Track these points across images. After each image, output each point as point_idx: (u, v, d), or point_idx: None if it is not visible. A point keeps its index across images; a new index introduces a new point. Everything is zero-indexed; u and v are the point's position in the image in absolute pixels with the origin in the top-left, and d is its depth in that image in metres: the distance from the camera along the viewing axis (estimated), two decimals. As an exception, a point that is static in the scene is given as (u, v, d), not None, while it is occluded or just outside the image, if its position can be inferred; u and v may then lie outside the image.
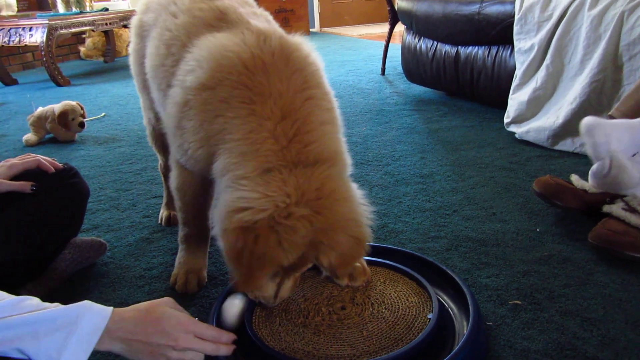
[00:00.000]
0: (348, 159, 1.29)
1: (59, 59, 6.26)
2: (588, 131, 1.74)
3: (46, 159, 1.48)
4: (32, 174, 1.44)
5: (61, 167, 1.52)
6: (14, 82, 5.35)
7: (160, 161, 2.03)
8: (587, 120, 1.76)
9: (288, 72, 1.22)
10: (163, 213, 2.01)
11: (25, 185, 1.40)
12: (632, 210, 1.63)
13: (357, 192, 1.23)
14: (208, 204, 1.53)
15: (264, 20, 1.41)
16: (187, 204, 1.53)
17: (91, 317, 0.92)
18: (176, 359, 0.98)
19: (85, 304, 0.94)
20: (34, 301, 0.92)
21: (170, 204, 1.96)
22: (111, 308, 0.96)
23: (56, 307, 0.92)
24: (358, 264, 1.43)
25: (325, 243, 1.12)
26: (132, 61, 1.75)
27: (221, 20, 1.36)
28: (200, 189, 1.49)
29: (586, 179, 1.84)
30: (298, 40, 1.33)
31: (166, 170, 1.87)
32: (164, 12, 1.47)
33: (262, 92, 1.19)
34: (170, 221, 1.97)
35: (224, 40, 1.27)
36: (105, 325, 0.92)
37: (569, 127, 2.43)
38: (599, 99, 2.35)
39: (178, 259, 1.60)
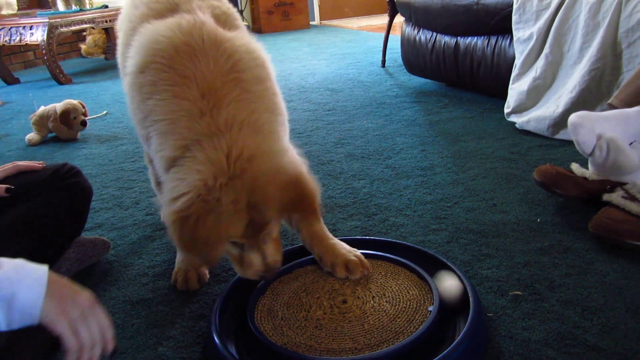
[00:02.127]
0: (273, 121, 1.30)
1: (60, 57, 6.27)
2: (573, 128, 1.75)
3: (24, 162, 1.53)
4: (30, 180, 1.47)
5: (42, 167, 1.55)
6: (16, 81, 5.36)
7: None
8: (573, 118, 1.77)
9: (217, 56, 1.25)
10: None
11: (1, 188, 1.41)
12: (631, 198, 1.63)
13: (280, 147, 1.24)
14: None
15: (222, 15, 1.45)
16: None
17: (27, 289, 0.89)
18: (75, 320, 0.93)
19: (18, 269, 0.91)
20: None
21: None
22: (46, 273, 0.93)
23: None
24: (354, 257, 1.45)
25: (261, 202, 1.15)
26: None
27: (172, 11, 1.40)
28: None
29: (587, 168, 1.84)
30: (240, 35, 1.38)
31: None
32: (132, 5, 1.51)
33: (186, 75, 1.22)
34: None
35: (159, 27, 1.32)
36: (43, 295, 0.90)
37: (569, 116, 2.42)
38: (599, 86, 2.34)
39: (178, 257, 1.62)
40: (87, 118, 3.26)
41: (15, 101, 4.48)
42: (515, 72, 2.78)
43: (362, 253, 1.49)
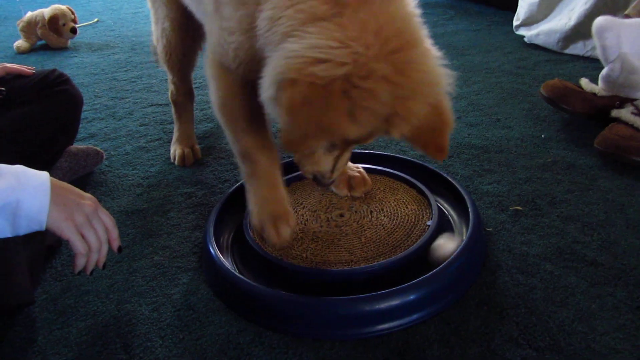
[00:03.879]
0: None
1: (47, -39, 5.94)
2: (598, 32, 1.67)
3: (13, 65, 1.44)
4: (20, 85, 1.41)
5: (32, 72, 1.47)
6: (2, -13, 5.12)
7: (171, 87, 1.77)
8: (599, 21, 1.68)
9: None
10: (176, 150, 1.75)
11: None
12: (641, 114, 1.58)
13: (434, 52, 0.95)
14: (265, 121, 1.20)
15: None
16: (240, 118, 1.17)
17: (32, 196, 0.88)
18: (81, 223, 0.95)
19: (20, 176, 0.89)
20: None
21: (183, 140, 1.77)
22: (48, 179, 0.92)
23: None
24: (357, 174, 1.41)
25: (401, 114, 0.90)
26: None
27: None
28: (253, 99, 1.05)
29: (596, 83, 1.77)
30: None
31: (180, 96, 1.76)
32: None
33: None
34: (185, 160, 1.72)
35: None
36: (48, 203, 0.90)
37: (581, 29, 2.32)
38: (615, -3, 2.22)
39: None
40: (77, 25, 3.12)
41: (1, 6, 4.29)
42: (527, -19, 2.63)
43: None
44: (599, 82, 1.75)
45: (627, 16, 1.79)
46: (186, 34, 1.62)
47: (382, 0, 0.88)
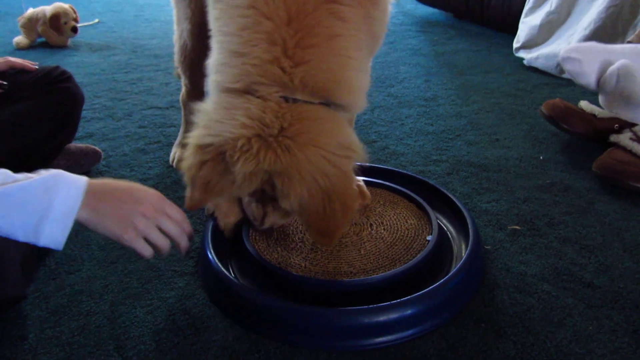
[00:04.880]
0: (358, 86, 1.08)
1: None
2: (564, 62, 1.74)
3: (17, 59, 1.43)
4: (22, 80, 1.39)
5: (35, 67, 1.46)
6: (3, -17, 5.10)
7: (183, 88, 1.75)
8: (565, 52, 1.77)
9: None
10: (176, 153, 1.73)
11: None
12: (639, 140, 1.60)
13: (343, 141, 1.01)
14: None
15: None
16: None
17: (65, 195, 0.87)
18: (143, 229, 0.94)
19: (58, 178, 0.88)
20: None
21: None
22: (85, 180, 0.91)
23: (27, 179, 0.86)
24: (355, 187, 1.40)
25: (280, 189, 0.96)
26: None
27: None
28: None
29: (596, 105, 1.80)
30: None
31: (189, 99, 1.72)
32: None
33: None
34: None
35: None
36: (80, 202, 0.88)
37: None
38: (615, 24, 2.26)
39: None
40: (78, 25, 3.11)
41: (2, 1, 4.27)
42: (528, 4, 2.67)
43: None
44: (599, 98, 1.78)
45: (630, 43, 1.82)
46: (205, 39, 1.59)
47: (299, 103, 0.97)
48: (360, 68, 1.08)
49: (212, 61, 1.06)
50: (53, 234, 0.86)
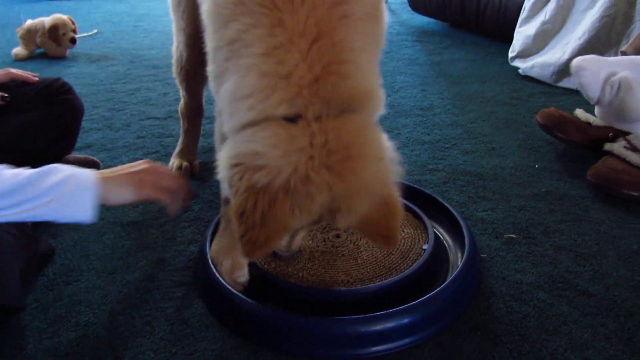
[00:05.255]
0: (381, 96, 1.05)
1: (48, -29, 5.96)
2: (577, 71, 1.73)
3: (18, 71, 1.45)
4: (23, 92, 1.41)
5: (36, 79, 1.48)
6: (1, -6, 5.12)
7: (182, 100, 1.77)
8: (577, 60, 1.75)
9: None
10: (174, 162, 1.75)
11: None
12: (633, 148, 1.61)
13: (387, 146, 1.03)
14: None
15: None
16: None
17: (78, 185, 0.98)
18: (154, 181, 1.07)
19: (68, 177, 0.98)
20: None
21: (184, 153, 1.77)
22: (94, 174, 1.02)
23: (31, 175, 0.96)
24: None
25: (343, 209, 0.95)
26: None
27: None
28: None
29: (591, 114, 1.82)
30: None
31: (187, 111, 1.75)
32: None
33: None
34: (181, 172, 1.72)
35: None
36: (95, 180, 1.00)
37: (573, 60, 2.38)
38: (609, 34, 2.28)
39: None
40: (76, 36, 3.13)
41: (1, 13, 4.29)
42: (523, 14, 2.69)
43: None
44: (595, 108, 1.80)
45: (624, 53, 1.84)
46: (199, 52, 1.59)
47: (335, 117, 0.93)
48: (375, 77, 1.05)
49: (234, 85, 0.96)
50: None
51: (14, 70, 1.46)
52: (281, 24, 0.91)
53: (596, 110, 1.78)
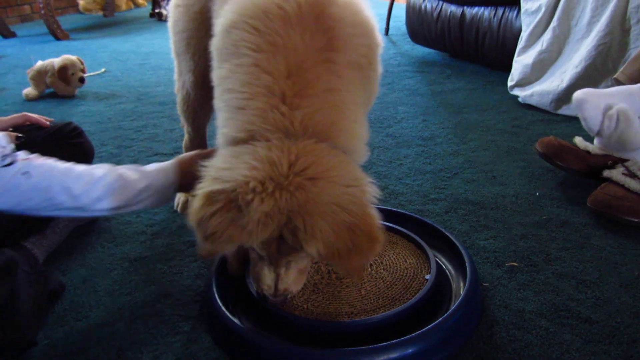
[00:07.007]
0: (354, 138, 1.13)
1: (58, 12, 6.14)
2: (579, 105, 1.75)
3: (33, 115, 1.51)
4: (36, 136, 1.46)
5: (49, 124, 1.53)
6: (12, 35, 5.26)
7: (186, 135, 1.85)
8: (578, 94, 1.78)
9: (313, 27, 1.07)
10: (180, 198, 1.77)
11: (12, 135, 1.41)
12: (632, 175, 1.63)
13: (362, 178, 1.07)
14: None
15: None
16: None
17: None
18: None
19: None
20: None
21: None
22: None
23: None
24: None
25: (301, 228, 0.96)
26: (177, 16, 1.60)
27: None
28: None
29: (590, 142, 1.84)
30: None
31: (192, 146, 1.80)
32: None
33: (274, 42, 1.05)
34: (187, 207, 1.77)
35: None
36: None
37: (573, 91, 2.37)
38: (605, 62, 2.32)
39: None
40: (85, 75, 3.21)
41: (12, 55, 4.41)
42: (521, 44, 2.74)
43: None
44: (595, 139, 1.82)
45: (617, 80, 1.88)
46: (207, 88, 1.66)
47: (304, 143, 1.02)
48: (356, 119, 1.14)
49: (219, 119, 1.13)
50: None
51: (29, 114, 1.52)
52: (256, 63, 1.05)
53: (596, 140, 1.80)
